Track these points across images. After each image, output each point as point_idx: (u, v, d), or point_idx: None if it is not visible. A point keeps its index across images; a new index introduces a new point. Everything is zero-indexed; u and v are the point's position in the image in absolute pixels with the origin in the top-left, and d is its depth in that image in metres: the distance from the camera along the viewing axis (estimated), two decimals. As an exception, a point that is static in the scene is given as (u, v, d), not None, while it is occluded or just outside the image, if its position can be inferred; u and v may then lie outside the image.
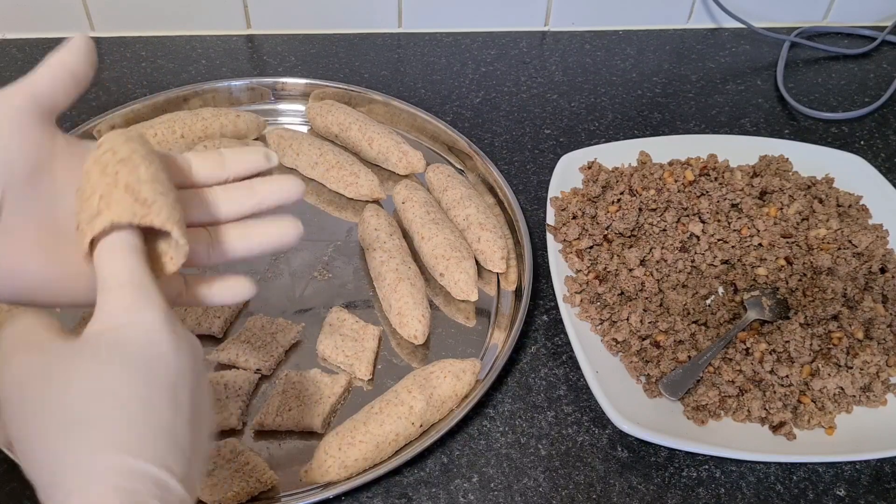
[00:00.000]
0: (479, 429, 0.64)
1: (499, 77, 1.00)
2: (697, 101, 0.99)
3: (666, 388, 0.63)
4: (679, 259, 0.74)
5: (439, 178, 0.81)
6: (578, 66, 1.03)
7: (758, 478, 0.61)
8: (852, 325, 0.67)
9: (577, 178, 0.82)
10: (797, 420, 0.63)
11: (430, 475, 0.61)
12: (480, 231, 0.75)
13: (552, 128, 0.93)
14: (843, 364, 0.65)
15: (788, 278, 0.72)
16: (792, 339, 0.66)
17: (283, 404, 0.63)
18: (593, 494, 0.60)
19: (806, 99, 0.99)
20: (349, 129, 0.85)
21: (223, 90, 0.91)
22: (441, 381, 0.63)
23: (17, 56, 1.00)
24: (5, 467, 0.59)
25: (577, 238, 0.75)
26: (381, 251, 0.73)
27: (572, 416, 0.65)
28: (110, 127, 0.85)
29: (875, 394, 0.64)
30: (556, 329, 0.72)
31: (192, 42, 1.03)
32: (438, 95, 0.97)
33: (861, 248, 0.75)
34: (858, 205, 0.80)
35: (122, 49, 1.02)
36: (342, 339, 0.68)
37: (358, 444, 0.58)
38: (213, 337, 0.69)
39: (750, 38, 1.09)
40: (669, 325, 0.68)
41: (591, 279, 0.72)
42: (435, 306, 0.73)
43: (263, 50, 1.03)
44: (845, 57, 1.07)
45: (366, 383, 0.67)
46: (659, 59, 1.05)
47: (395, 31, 1.07)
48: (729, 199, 0.78)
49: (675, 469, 0.62)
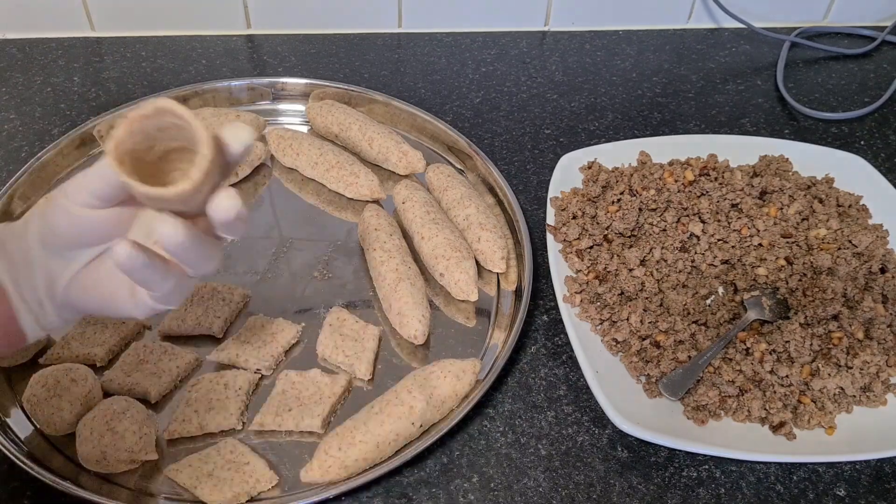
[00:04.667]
0: (479, 429, 0.64)
1: (499, 77, 1.00)
2: (697, 101, 0.99)
3: (666, 388, 0.63)
4: (679, 259, 0.74)
5: (439, 178, 0.81)
6: (578, 66, 1.03)
7: (758, 478, 0.61)
8: (852, 325, 0.67)
9: (577, 178, 0.82)
10: (797, 420, 0.63)
11: (430, 475, 0.61)
12: (480, 231, 0.75)
13: (552, 128, 0.93)
14: (843, 364, 0.65)
15: (788, 278, 0.72)
16: (792, 339, 0.66)
17: (283, 404, 0.63)
18: (593, 494, 0.60)
19: (806, 99, 0.99)
20: (349, 129, 0.85)
21: (223, 90, 0.92)
22: (441, 381, 0.63)
23: (17, 56, 1.00)
24: (6, 467, 0.59)
25: (578, 238, 0.75)
26: (381, 251, 0.73)
27: (572, 416, 0.65)
28: (110, 127, 0.85)
29: (875, 394, 0.64)
30: (556, 329, 0.72)
31: (192, 42, 1.03)
32: (438, 95, 0.97)
33: (861, 248, 0.75)
34: (858, 205, 0.80)
35: (122, 49, 1.02)
36: (342, 339, 0.68)
37: (358, 444, 0.58)
38: (213, 337, 0.69)
39: (750, 38, 1.09)
40: (669, 325, 0.68)
41: (591, 279, 0.72)
42: (435, 306, 0.73)
43: (263, 50, 1.03)
44: (845, 57, 1.07)
45: (366, 383, 0.67)
46: (659, 59, 1.05)
47: (396, 31, 1.07)
48: (729, 199, 0.78)
49: (676, 469, 0.62)
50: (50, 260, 0.48)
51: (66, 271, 0.49)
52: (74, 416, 0.60)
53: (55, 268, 0.49)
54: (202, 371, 0.67)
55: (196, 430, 0.61)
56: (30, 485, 0.59)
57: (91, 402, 0.62)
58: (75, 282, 0.49)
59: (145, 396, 0.63)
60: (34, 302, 0.49)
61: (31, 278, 0.49)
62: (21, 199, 0.78)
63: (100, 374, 0.65)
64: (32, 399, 0.61)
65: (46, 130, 0.89)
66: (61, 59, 1.00)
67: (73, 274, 0.49)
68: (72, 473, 0.59)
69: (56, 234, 0.47)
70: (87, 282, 0.49)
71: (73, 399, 0.60)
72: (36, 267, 0.49)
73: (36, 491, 0.58)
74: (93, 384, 0.62)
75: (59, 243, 0.48)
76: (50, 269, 0.49)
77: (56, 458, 0.60)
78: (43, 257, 0.48)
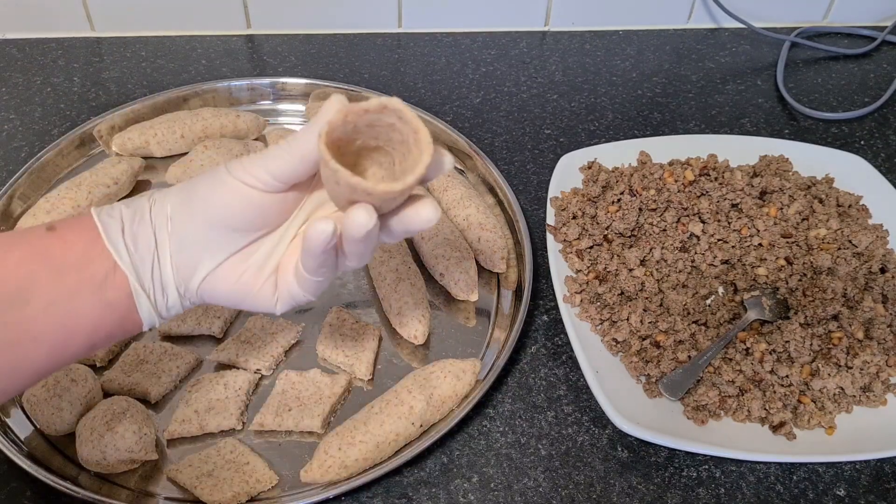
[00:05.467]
0: (479, 429, 0.64)
1: (499, 77, 1.00)
2: (697, 100, 0.99)
3: (666, 388, 0.63)
4: (679, 259, 0.74)
5: (439, 178, 0.81)
6: (578, 66, 1.03)
7: (758, 478, 0.61)
8: (852, 325, 0.67)
9: (577, 178, 0.82)
10: (797, 420, 0.63)
11: (430, 475, 0.61)
12: (480, 231, 0.75)
13: (552, 128, 0.93)
14: (843, 364, 0.65)
15: (788, 278, 0.72)
16: (792, 339, 0.66)
17: (283, 404, 0.63)
18: (593, 494, 0.60)
19: (806, 99, 0.99)
20: (349, 129, 0.85)
21: (223, 90, 0.91)
22: (441, 381, 0.63)
23: (17, 56, 1.00)
24: (5, 467, 0.59)
25: (578, 238, 0.75)
26: (381, 251, 0.73)
27: (572, 416, 0.65)
28: (110, 127, 0.85)
29: (875, 394, 0.64)
30: (557, 329, 0.72)
31: (192, 42, 1.03)
32: (438, 95, 0.97)
33: (861, 248, 0.75)
34: (858, 205, 0.80)
35: (122, 49, 1.02)
36: (342, 339, 0.68)
37: (358, 445, 0.58)
38: (212, 337, 0.69)
39: (750, 38, 1.09)
40: (669, 325, 0.68)
41: (591, 279, 0.72)
42: (435, 306, 0.73)
43: (263, 50, 1.03)
44: (845, 57, 1.07)
45: (366, 383, 0.67)
46: (659, 58, 1.05)
47: (395, 31, 1.07)
48: (729, 199, 0.78)
49: (675, 469, 0.62)
50: (193, 248, 0.46)
51: (210, 261, 0.46)
52: (74, 417, 0.60)
53: (195, 257, 0.46)
54: (202, 371, 0.67)
55: (196, 430, 0.61)
56: (29, 485, 0.59)
57: (91, 402, 0.62)
58: (219, 270, 0.47)
59: (145, 396, 0.63)
60: (156, 289, 0.46)
61: (156, 264, 0.46)
62: (21, 200, 0.78)
63: (100, 374, 0.65)
64: (32, 399, 0.61)
65: (46, 130, 0.89)
66: (61, 60, 1.00)
67: (219, 262, 0.47)
68: (71, 473, 0.59)
69: (220, 215, 0.45)
70: (229, 272, 0.47)
71: (73, 399, 0.60)
72: (165, 252, 0.46)
73: (35, 491, 0.58)
74: (93, 384, 0.62)
75: (216, 224, 0.45)
76: (189, 257, 0.46)
77: (56, 459, 0.60)
78: (178, 246, 0.46)
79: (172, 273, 0.46)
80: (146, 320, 0.47)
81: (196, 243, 0.46)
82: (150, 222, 0.46)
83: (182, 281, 0.47)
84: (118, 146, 0.83)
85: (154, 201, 0.47)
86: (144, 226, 0.46)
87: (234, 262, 0.47)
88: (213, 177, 0.46)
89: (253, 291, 0.48)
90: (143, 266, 0.46)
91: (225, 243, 0.46)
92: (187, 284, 0.47)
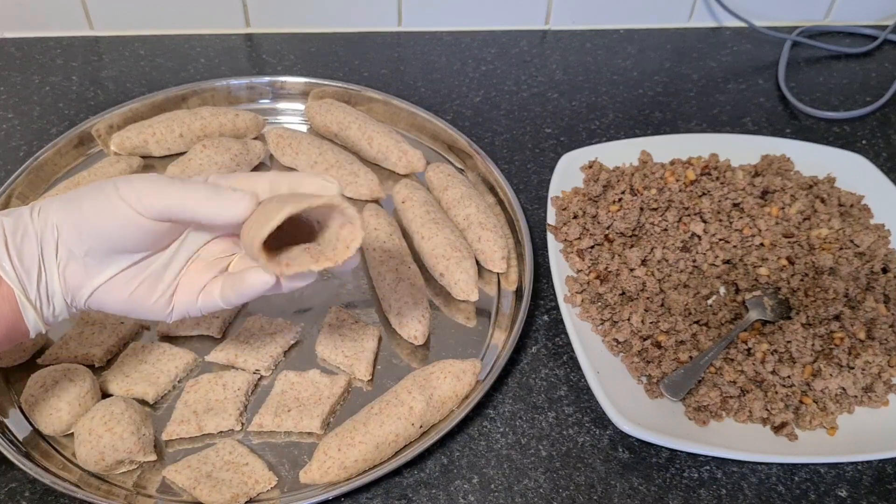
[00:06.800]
0: (479, 429, 0.64)
1: (499, 76, 1.00)
2: (699, 100, 0.98)
3: (667, 388, 0.63)
4: (680, 259, 0.74)
5: (439, 178, 0.80)
6: (579, 64, 1.03)
7: (759, 478, 0.61)
8: (854, 325, 0.67)
9: (577, 177, 0.82)
10: (799, 420, 0.63)
11: (429, 476, 0.60)
12: (481, 231, 0.75)
13: (553, 127, 0.93)
14: (845, 364, 0.65)
15: (790, 278, 0.72)
16: (794, 340, 0.66)
17: (282, 405, 0.62)
18: (594, 495, 0.60)
19: (808, 98, 0.99)
20: (349, 129, 0.85)
21: (222, 89, 0.91)
22: (441, 381, 0.62)
23: (16, 55, 1.00)
24: (5, 467, 0.59)
25: (578, 238, 0.75)
26: (381, 251, 0.72)
27: (573, 416, 0.65)
28: (108, 126, 0.85)
29: (877, 394, 0.64)
30: (557, 329, 0.71)
31: (191, 41, 1.03)
32: (438, 94, 0.96)
33: (863, 248, 0.74)
34: (860, 204, 0.79)
35: (121, 48, 1.01)
36: (342, 339, 0.67)
37: (357, 445, 0.58)
38: (211, 337, 0.68)
39: (751, 36, 1.09)
40: (671, 326, 0.67)
41: (592, 279, 0.72)
42: (435, 306, 0.72)
43: (262, 49, 1.02)
44: (847, 56, 1.07)
45: (365, 384, 0.66)
46: (660, 57, 1.05)
47: (395, 29, 1.07)
48: (730, 198, 0.78)
49: (677, 470, 0.61)
50: (82, 261, 0.46)
51: (99, 276, 0.47)
52: (73, 417, 0.60)
53: (83, 271, 0.47)
54: (201, 372, 0.66)
55: (194, 430, 0.61)
56: (28, 485, 0.58)
57: (89, 402, 0.61)
58: (109, 285, 0.48)
59: (143, 397, 0.63)
60: (43, 300, 0.48)
61: (42, 275, 0.47)
62: (19, 199, 0.78)
63: (98, 374, 0.64)
64: (30, 399, 0.61)
65: (45, 130, 0.89)
66: (59, 59, 0.99)
67: (110, 277, 0.47)
68: (70, 474, 0.58)
69: (109, 237, 0.46)
70: (121, 287, 0.48)
71: (72, 399, 0.60)
72: (52, 265, 0.47)
73: (34, 491, 0.58)
74: (91, 384, 0.62)
75: (105, 246, 0.46)
76: (78, 271, 0.47)
77: (54, 459, 0.60)
78: (66, 258, 0.47)
79: (60, 285, 0.47)
80: (32, 329, 0.48)
81: (85, 257, 0.47)
82: (36, 235, 0.46)
83: (70, 291, 0.48)
84: (117, 145, 0.83)
85: (38, 212, 0.47)
86: (29, 238, 0.46)
87: (125, 278, 0.48)
88: (99, 196, 0.46)
89: (147, 305, 0.49)
90: (29, 279, 0.46)
91: (115, 261, 0.47)
92: (75, 295, 0.48)
